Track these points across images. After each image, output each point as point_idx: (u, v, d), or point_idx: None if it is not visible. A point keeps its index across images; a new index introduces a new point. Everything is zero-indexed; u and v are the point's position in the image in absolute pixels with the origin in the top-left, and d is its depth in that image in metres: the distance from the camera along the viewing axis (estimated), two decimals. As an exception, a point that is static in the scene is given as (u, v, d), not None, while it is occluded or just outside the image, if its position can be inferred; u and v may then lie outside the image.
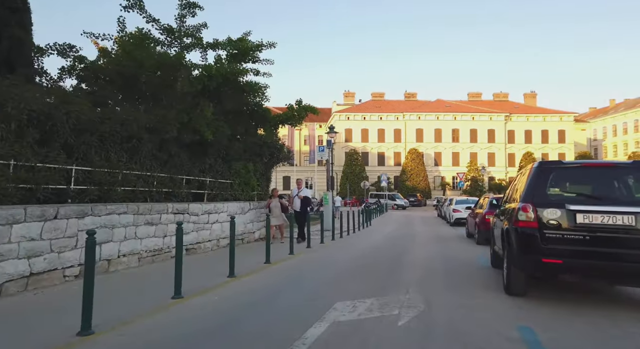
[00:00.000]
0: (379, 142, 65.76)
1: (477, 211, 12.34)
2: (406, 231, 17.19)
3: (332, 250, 10.39)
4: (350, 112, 66.57)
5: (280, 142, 13.66)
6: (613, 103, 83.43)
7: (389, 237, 14.08)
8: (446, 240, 13.06)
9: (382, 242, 12.39)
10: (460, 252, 9.97)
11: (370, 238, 13.80)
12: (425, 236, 14.63)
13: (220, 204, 9.83)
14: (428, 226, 20.69)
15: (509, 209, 5.78)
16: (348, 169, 59.94)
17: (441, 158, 64.88)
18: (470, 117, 64.90)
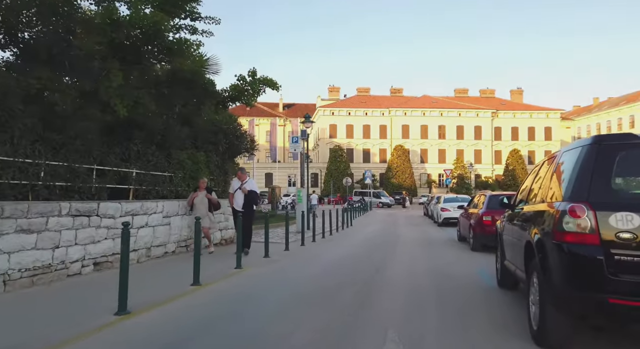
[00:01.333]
0: (365, 138, 64.00)
1: (471, 211, 10.46)
2: (389, 233, 15.26)
3: (293, 261, 8.35)
4: (334, 107, 64.60)
5: (242, 130, 11.55)
6: (597, 101, 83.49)
7: (368, 242, 12.11)
8: (435, 245, 11.16)
9: (359, 249, 10.39)
10: (454, 264, 8.04)
11: (346, 243, 11.80)
12: (411, 239, 12.71)
13: (151, 203, 7.68)
14: (414, 226, 18.84)
15: (536, 212, 3.83)
16: (332, 166, 57.94)
17: (427, 155, 63.48)
18: (456, 113, 63.63)
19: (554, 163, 4.00)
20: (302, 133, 15.32)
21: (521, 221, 4.32)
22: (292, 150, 14.99)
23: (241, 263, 6.99)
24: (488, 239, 9.05)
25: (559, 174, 3.71)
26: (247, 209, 8.71)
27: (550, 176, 3.97)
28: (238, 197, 8.73)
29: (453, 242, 11.85)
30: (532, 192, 4.49)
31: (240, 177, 8.95)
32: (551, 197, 3.66)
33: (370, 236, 14.07)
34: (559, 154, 3.97)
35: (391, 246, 10.80)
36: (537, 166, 4.95)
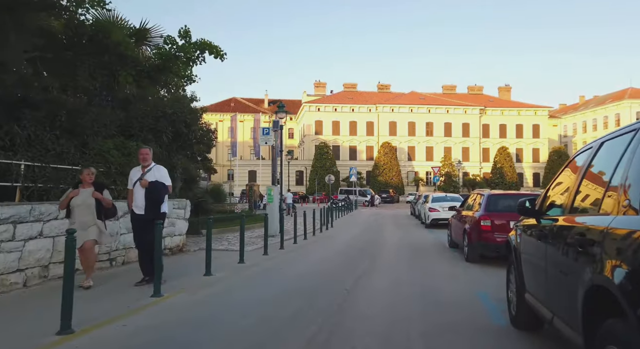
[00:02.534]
0: (351, 135, 62.39)
1: (466, 214, 8.79)
2: (371, 237, 13.52)
3: (244, 279, 6.55)
4: (320, 103, 62.82)
5: (201, 120, 9.68)
6: (583, 100, 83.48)
7: (345, 250, 10.32)
8: (423, 254, 9.44)
9: (332, 261, 8.61)
10: (447, 283, 6.32)
11: (319, 252, 10.02)
12: (394, 246, 10.97)
13: (47, 205, 5.76)
14: (399, 228, 17.16)
15: (616, 234, 1.99)
16: (318, 163, 56.19)
17: (415, 153, 62.18)
18: (444, 110, 62.46)
19: None
20: (274, 124, 13.51)
21: (571, 241, 2.51)
22: (263, 143, 13.16)
23: (160, 289, 5.12)
24: (486, 248, 7.41)
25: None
26: (149, 212, 5.59)
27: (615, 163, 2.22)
28: (137, 195, 5.64)
29: (443, 250, 10.16)
30: (584, 195, 2.73)
31: (142, 160, 5.75)
32: (618, 197, 1.92)
33: (349, 241, 12.32)
34: None
35: (371, 257, 9.04)
36: (585, 154, 3.09)
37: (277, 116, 13.88)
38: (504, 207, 7.64)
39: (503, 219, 7.29)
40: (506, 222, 7.23)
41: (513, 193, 9.03)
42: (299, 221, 16.33)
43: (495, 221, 7.29)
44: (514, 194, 8.95)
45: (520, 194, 8.14)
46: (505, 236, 7.18)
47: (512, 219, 7.19)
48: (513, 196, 8.09)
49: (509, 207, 7.63)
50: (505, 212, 7.44)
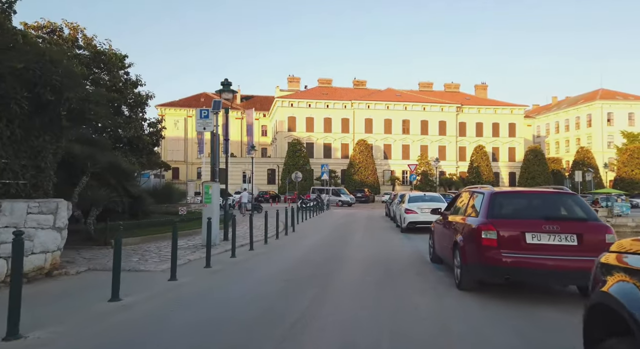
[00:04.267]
0: (326, 132, 60.03)
1: (454, 220, 6.44)
2: (336, 247, 11.08)
3: (135, 317, 3.98)
4: (294, 99, 60.15)
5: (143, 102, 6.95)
6: (555, 100, 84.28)
7: (292, 270, 7.68)
8: (397, 276, 6.95)
9: (260, 300, 6.05)
10: (436, 342, 3.91)
11: (252, 277, 7.42)
12: (361, 261, 8.47)
13: None
14: (371, 233, 14.81)
15: None
16: (290, 161, 53.45)
17: (391, 151, 60.44)
18: (421, 107, 60.99)
19: None
20: (215, 105, 10.85)
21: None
22: (200, 128, 10.50)
23: None
24: (490, 271, 5.09)
25: None
26: None
27: None
28: None
29: (424, 266, 7.79)
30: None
31: None
32: None
33: (305, 254, 9.82)
34: None
35: (326, 279, 6.57)
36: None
37: (222, 96, 11.25)
38: (514, 212, 5.40)
39: (515, 228, 5.05)
40: (520, 235, 4.98)
41: (527, 191, 6.17)
42: (258, 224, 13.81)
43: (503, 232, 5.02)
44: (528, 192, 6.17)
45: (539, 193, 6.02)
46: (518, 255, 4.92)
47: (530, 229, 4.90)
48: (527, 195, 5.91)
49: (523, 212, 5.35)
50: (517, 218, 5.20)
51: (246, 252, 9.66)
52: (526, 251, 4.85)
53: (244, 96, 78.25)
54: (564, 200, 5.45)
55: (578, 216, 5.18)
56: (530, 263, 4.77)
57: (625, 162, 51.61)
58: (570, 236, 4.87)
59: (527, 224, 5.03)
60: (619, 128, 63.48)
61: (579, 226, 4.98)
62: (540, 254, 4.80)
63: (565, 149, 72.55)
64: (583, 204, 5.32)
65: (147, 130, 20.44)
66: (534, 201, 5.54)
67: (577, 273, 4.65)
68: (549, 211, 5.22)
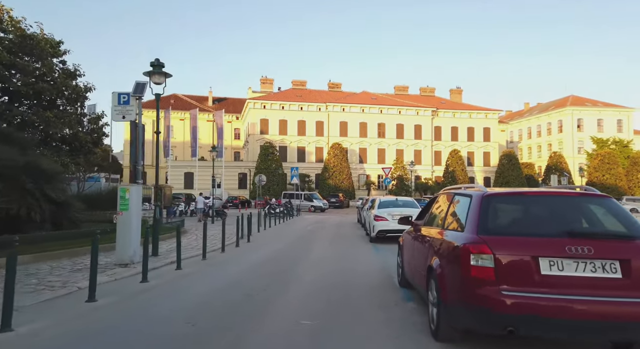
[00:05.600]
0: (300, 135, 58.19)
1: (428, 232, 4.65)
2: (287, 262, 9.20)
3: None
4: (267, 100, 58.08)
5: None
6: (527, 106, 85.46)
7: (214, 302, 5.60)
8: (350, 309, 5.07)
9: (184, 329, 4.17)
10: None
11: (177, 301, 5.53)
12: (310, 287, 6.50)
13: None
14: (336, 244, 12.99)
15: None
16: (262, 165, 51.24)
17: (366, 155, 59.14)
18: (397, 111, 60.06)
19: None
20: (137, 87, 8.79)
21: None
22: (119, 118, 8.43)
23: None
24: (482, 319, 3.27)
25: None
26: None
27: None
28: None
29: (390, 294, 5.95)
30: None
31: None
32: None
33: (246, 272, 7.90)
34: None
35: (247, 323, 4.66)
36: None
37: (154, 80, 9.21)
38: (519, 224, 3.67)
39: (522, 250, 3.30)
40: (531, 261, 3.23)
41: (537, 192, 4.13)
42: (214, 233, 11.81)
43: (503, 255, 3.27)
44: (537, 194, 4.10)
45: (555, 194, 4.03)
46: (528, 294, 3.13)
47: (546, 252, 3.17)
48: (537, 199, 3.95)
49: (533, 224, 3.61)
50: (524, 234, 3.44)
51: (170, 272, 7.65)
52: (541, 288, 3.12)
53: (217, 98, 75.67)
54: (593, 206, 3.71)
55: (619, 231, 3.44)
56: (547, 308, 3.03)
57: (597, 167, 52.01)
58: (611, 263, 3.16)
59: (541, 243, 3.26)
60: (589, 134, 64.43)
61: (623, 247, 3.25)
62: (564, 294, 3.08)
63: (537, 155, 73.28)
64: (623, 212, 3.56)
65: (87, 127, 18.05)
66: (548, 207, 3.74)
67: (623, 324, 2.95)
68: (573, 224, 3.51)
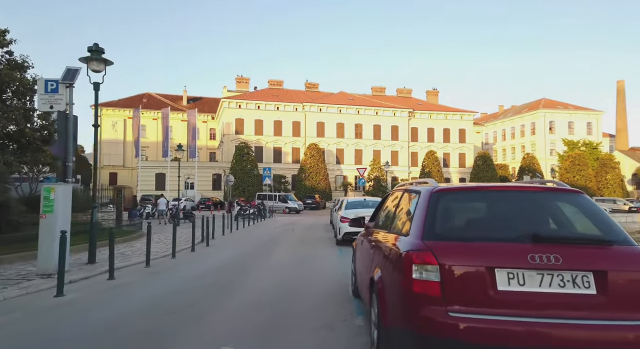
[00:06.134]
0: (276, 135, 57.23)
1: (376, 236, 3.95)
2: (241, 269, 8.41)
3: None
4: (242, 100, 56.87)
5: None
6: (502, 109, 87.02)
7: (123, 328, 4.92)
8: (288, 328, 4.46)
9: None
10: None
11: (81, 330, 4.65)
12: (255, 297, 5.82)
13: None
14: (301, 247, 12.27)
15: None
16: (237, 166, 50.03)
17: (343, 155, 58.68)
18: (374, 111, 59.87)
19: None
20: (67, 74, 7.82)
21: None
22: (45, 106, 7.46)
23: None
24: (427, 345, 2.55)
25: None
26: None
27: None
28: None
29: (341, 307, 5.20)
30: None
31: None
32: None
33: (193, 281, 7.08)
34: None
35: (171, 341, 3.87)
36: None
37: (92, 68, 8.25)
38: (472, 226, 3.00)
39: (475, 259, 2.63)
40: (485, 273, 2.56)
41: (495, 187, 3.26)
42: (170, 237, 10.88)
43: (451, 266, 2.60)
44: (496, 189, 3.28)
45: (516, 189, 3.19)
46: (483, 316, 2.45)
47: (505, 262, 2.54)
48: (495, 195, 3.16)
49: (489, 227, 2.95)
50: (478, 239, 2.76)
51: (99, 283, 6.73)
52: (496, 308, 2.47)
53: (192, 97, 73.86)
54: (563, 204, 3.03)
55: (593, 234, 2.78)
56: (506, 333, 2.39)
57: (568, 168, 53.07)
58: (583, 276, 2.52)
59: (498, 251, 2.61)
60: (560, 136, 65.91)
61: (598, 255, 2.61)
62: (525, 316, 2.43)
63: (511, 156, 74.54)
64: (598, 211, 2.90)
65: (36, 123, 16.67)
66: (510, 205, 3.03)
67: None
68: (539, 226, 2.85)
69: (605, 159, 54.18)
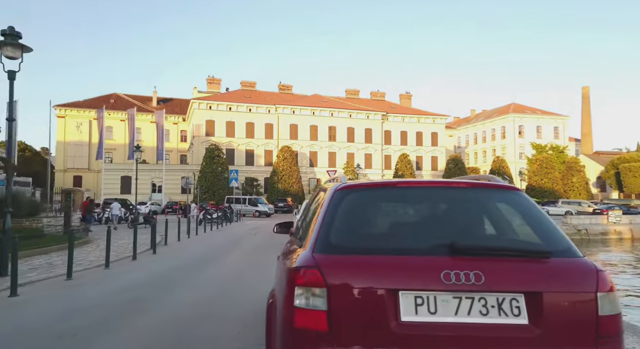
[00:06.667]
0: (248, 137, 56.09)
1: (285, 248, 3.17)
2: (167, 283, 7.58)
3: None
4: (213, 101, 55.49)
5: None
6: (474, 113, 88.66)
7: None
8: None
9: None
10: None
11: None
12: (162, 322, 5.02)
13: None
14: (253, 255, 11.49)
15: None
16: (207, 168, 48.57)
17: (317, 158, 58.10)
18: (347, 114, 59.66)
19: None
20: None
21: None
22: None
23: None
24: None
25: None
26: None
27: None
28: None
29: (258, 336, 4.58)
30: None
31: None
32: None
33: (108, 297, 6.21)
34: None
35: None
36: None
37: (6, 54, 7.27)
38: (378, 235, 2.30)
39: (372, 279, 1.92)
40: (385, 297, 1.87)
41: (413, 183, 2.54)
42: (122, 242, 9.89)
43: (341, 288, 1.89)
44: (413, 185, 2.54)
45: (437, 185, 2.48)
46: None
47: (411, 282, 1.87)
48: (412, 193, 2.44)
49: (399, 235, 2.29)
50: (381, 251, 2.02)
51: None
52: (399, 348, 1.86)
53: (162, 98, 71.69)
54: (496, 205, 2.41)
55: (528, 243, 2.16)
56: None
57: (536, 171, 54.22)
58: (513, 299, 1.90)
59: (404, 266, 1.97)
60: (529, 140, 67.49)
61: (533, 270, 1.98)
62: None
63: (483, 160, 75.85)
64: (537, 213, 2.25)
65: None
66: (430, 207, 2.43)
67: None
68: (461, 233, 2.20)
69: (571, 163, 55.68)
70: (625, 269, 14.83)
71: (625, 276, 13.36)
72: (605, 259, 17.52)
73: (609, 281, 1.94)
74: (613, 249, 20.81)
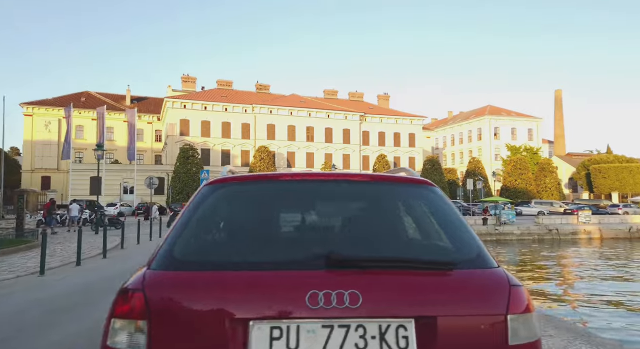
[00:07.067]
0: (224, 137, 55.09)
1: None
2: (69, 302, 6.86)
3: None
4: (187, 100, 54.26)
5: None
6: (451, 115, 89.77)
7: None
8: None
9: None
10: None
11: None
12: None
13: None
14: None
15: None
16: (182, 169, 47.32)
17: (295, 158, 57.55)
18: (325, 114, 59.36)
19: None
20: None
21: None
22: None
23: None
24: None
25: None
26: None
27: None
28: None
29: None
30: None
31: None
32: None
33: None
34: None
35: None
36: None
37: None
38: (240, 242, 1.64)
39: (223, 304, 1.36)
40: (229, 330, 1.33)
41: (292, 176, 1.85)
42: (65, 248, 9.11)
43: (178, 321, 1.34)
44: (295, 178, 1.85)
45: (325, 179, 1.86)
46: None
47: (262, 310, 1.35)
48: (292, 188, 1.83)
49: (267, 244, 1.73)
50: (240, 266, 1.45)
51: None
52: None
53: (136, 97, 69.74)
54: (398, 201, 1.94)
55: (427, 250, 1.73)
56: None
57: (510, 172, 55.12)
58: (399, 327, 1.36)
59: (258, 286, 1.40)
60: (505, 141, 68.67)
61: (426, 287, 1.45)
62: None
63: (460, 161, 76.76)
64: (449, 211, 1.76)
65: None
66: (321, 206, 1.88)
67: None
68: (347, 238, 1.70)
69: (544, 164, 56.84)
70: (591, 270, 14.89)
71: (593, 277, 13.37)
72: (577, 260, 17.64)
73: (524, 299, 1.49)
74: (581, 249, 21.06)
